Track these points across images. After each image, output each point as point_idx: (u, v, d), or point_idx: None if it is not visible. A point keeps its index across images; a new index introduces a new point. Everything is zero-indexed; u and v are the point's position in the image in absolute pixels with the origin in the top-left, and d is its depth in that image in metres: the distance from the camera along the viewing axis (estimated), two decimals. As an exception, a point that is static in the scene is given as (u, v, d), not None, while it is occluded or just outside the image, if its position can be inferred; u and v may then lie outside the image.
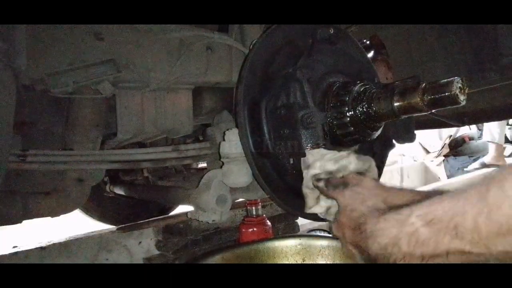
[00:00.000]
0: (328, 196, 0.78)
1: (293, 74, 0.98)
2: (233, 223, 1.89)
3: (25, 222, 1.24)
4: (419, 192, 0.73)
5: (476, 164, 4.80)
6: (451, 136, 5.55)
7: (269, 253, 1.20)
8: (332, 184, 0.77)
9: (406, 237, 0.57)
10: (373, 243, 0.62)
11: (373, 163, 0.85)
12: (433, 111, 0.84)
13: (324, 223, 2.13)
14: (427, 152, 5.70)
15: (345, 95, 0.97)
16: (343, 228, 0.72)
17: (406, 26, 1.62)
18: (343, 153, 0.84)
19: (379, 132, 1.02)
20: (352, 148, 1.08)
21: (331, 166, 0.82)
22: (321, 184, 0.78)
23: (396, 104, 0.87)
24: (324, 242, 1.20)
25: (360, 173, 0.82)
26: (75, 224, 2.72)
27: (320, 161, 0.83)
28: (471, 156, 5.27)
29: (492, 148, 4.76)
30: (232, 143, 1.09)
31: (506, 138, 5.20)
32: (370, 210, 0.67)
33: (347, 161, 0.81)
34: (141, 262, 1.85)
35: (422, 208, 0.57)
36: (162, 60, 1.21)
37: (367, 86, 0.97)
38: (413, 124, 1.16)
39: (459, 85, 0.76)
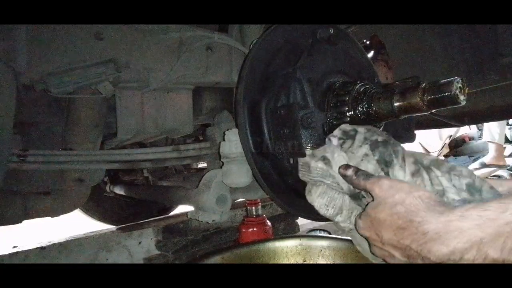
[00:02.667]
0: (359, 187, 0.64)
1: (293, 74, 0.98)
2: (233, 223, 1.89)
3: (25, 222, 1.24)
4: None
5: (476, 164, 4.80)
6: (451, 136, 5.56)
7: (269, 253, 1.20)
8: (364, 172, 0.64)
9: (498, 241, 0.45)
10: (440, 247, 0.49)
11: None
12: (433, 111, 0.84)
13: (324, 223, 2.13)
14: (427, 152, 5.70)
15: (345, 95, 0.97)
16: (378, 227, 0.58)
17: (406, 26, 1.62)
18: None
19: (379, 132, 1.02)
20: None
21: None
22: (349, 172, 0.65)
23: (396, 104, 0.87)
24: (324, 243, 1.20)
25: None
26: (75, 224, 2.72)
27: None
28: (471, 156, 5.28)
29: (492, 148, 4.77)
30: (232, 143, 1.09)
31: (506, 138, 5.20)
32: (426, 203, 0.53)
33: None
34: (141, 262, 1.85)
35: None
36: (162, 60, 1.21)
37: (367, 86, 0.97)
38: (413, 124, 1.16)
39: (459, 85, 0.76)
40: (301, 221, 2.25)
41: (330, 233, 1.96)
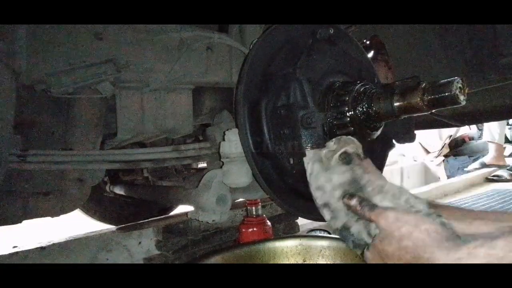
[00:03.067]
0: (364, 218, 0.64)
1: (293, 73, 0.98)
2: (233, 223, 1.89)
3: (25, 222, 1.24)
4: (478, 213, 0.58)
5: (476, 164, 4.80)
6: (451, 136, 5.57)
7: (269, 253, 1.20)
8: (368, 202, 0.63)
9: None
10: None
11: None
12: (433, 111, 0.84)
13: (324, 223, 2.13)
14: (427, 152, 5.71)
15: (345, 95, 0.97)
16: (387, 260, 0.58)
17: (406, 26, 1.62)
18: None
19: (379, 132, 1.02)
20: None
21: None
22: (354, 202, 0.65)
23: (396, 104, 0.87)
24: (324, 243, 1.20)
25: None
26: (75, 224, 2.72)
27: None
28: (471, 156, 5.29)
29: (492, 148, 4.77)
30: (232, 143, 1.09)
31: (506, 138, 5.20)
32: (434, 238, 0.52)
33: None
34: (141, 262, 1.85)
35: None
36: (162, 60, 1.21)
37: (367, 86, 0.97)
38: (413, 124, 1.16)
39: (459, 85, 0.76)
40: (301, 221, 2.24)
41: (330, 233, 1.96)
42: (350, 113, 0.96)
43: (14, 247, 1.71)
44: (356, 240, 0.67)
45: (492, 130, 4.70)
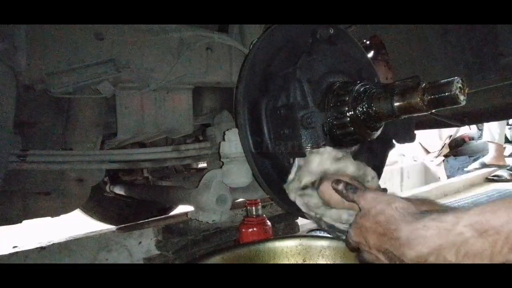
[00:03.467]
0: (348, 199, 0.74)
1: (293, 73, 0.98)
2: (233, 223, 1.89)
3: (25, 222, 1.24)
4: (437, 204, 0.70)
5: (476, 164, 4.80)
6: (451, 136, 5.56)
7: (269, 253, 1.20)
8: (352, 186, 0.74)
9: (453, 248, 0.53)
10: (409, 251, 0.58)
11: (369, 170, 0.83)
12: (433, 111, 0.84)
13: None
14: (427, 152, 5.70)
15: (345, 95, 0.97)
16: (365, 233, 0.67)
17: (406, 26, 1.62)
18: (340, 153, 0.83)
19: (379, 132, 1.02)
20: (351, 148, 1.08)
21: (329, 165, 0.82)
22: (340, 186, 0.75)
23: (396, 104, 0.87)
24: (324, 243, 1.20)
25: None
26: (75, 224, 2.72)
27: (318, 157, 0.83)
28: (471, 156, 5.28)
29: (492, 148, 4.76)
30: (232, 143, 1.09)
31: (506, 138, 5.20)
32: (400, 214, 0.62)
33: (344, 164, 0.81)
34: (141, 262, 1.85)
35: (471, 217, 0.53)
36: (162, 60, 1.21)
37: (367, 86, 0.97)
38: (413, 124, 1.16)
39: (459, 85, 0.76)
40: (301, 221, 2.24)
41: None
42: (350, 113, 0.95)
43: (14, 247, 1.72)
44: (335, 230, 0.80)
45: (492, 130, 4.70)
